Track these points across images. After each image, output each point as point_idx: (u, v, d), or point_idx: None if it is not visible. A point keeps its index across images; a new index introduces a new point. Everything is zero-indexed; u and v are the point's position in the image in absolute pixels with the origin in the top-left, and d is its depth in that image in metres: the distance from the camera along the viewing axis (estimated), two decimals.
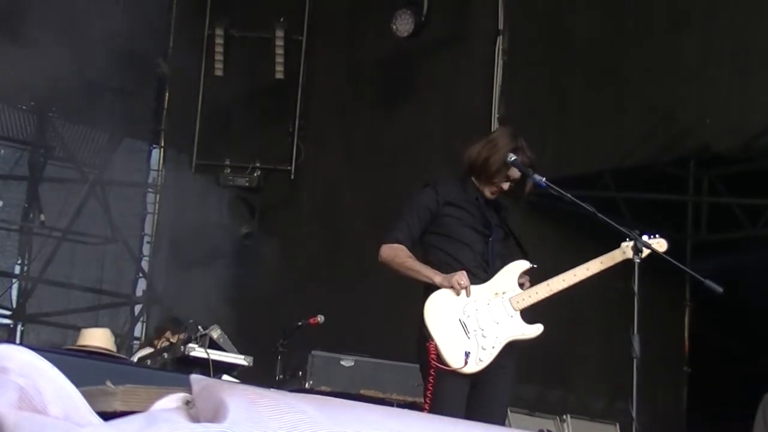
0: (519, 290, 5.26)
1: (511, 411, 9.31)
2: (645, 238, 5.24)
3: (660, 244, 5.32)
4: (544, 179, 5.42)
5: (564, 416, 10.18)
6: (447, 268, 5.24)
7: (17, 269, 11.87)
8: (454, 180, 5.49)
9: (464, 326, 5.14)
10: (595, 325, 10.42)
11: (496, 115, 10.16)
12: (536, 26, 10.22)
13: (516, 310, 5.25)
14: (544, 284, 5.27)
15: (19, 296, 11.79)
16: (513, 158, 5.45)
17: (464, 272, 5.18)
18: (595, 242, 5.49)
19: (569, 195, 5.46)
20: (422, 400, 5.19)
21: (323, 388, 7.89)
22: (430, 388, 5.05)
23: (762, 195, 10.50)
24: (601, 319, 10.27)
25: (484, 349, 5.14)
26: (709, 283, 5.25)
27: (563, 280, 5.28)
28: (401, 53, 10.80)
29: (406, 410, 4.33)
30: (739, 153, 9.64)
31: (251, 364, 6.51)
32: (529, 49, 10.19)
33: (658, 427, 10.30)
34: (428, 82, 10.73)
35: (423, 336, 5.19)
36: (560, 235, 9.78)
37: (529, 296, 5.26)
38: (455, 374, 5.09)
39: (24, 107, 11.36)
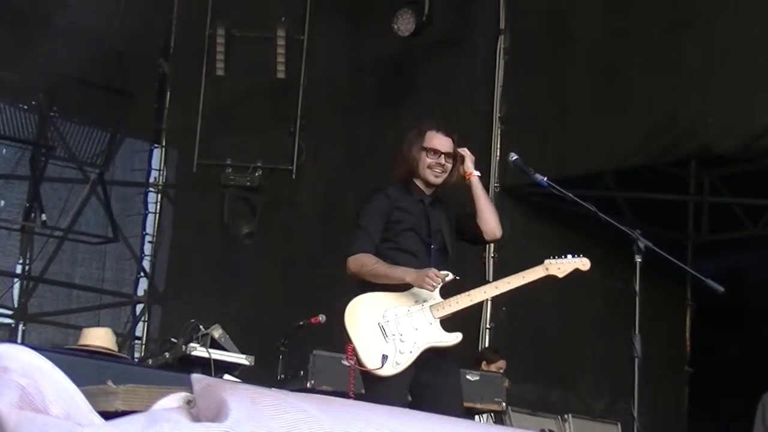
0: (440, 299, 5.32)
1: (513, 411, 9.31)
2: (569, 257, 5.30)
3: (584, 263, 5.38)
4: (545, 179, 5.43)
5: (565, 416, 10.18)
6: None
7: (18, 269, 11.86)
8: (400, 186, 5.55)
9: (383, 330, 5.24)
10: (597, 325, 10.42)
11: (498, 115, 10.16)
12: (537, 26, 10.22)
13: (435, 318, 5.31)
14: (465, 294, 5.35)
15: (20, 296, 11.78)
16: (514, 158, 5.47)
17: (433, 271, 5.23)
18: (596, 242, 5.49)
19: (570, 194, 5.47)
20: None
21: (325, 387, 7.87)
22: (351, 388, 5.24)
23: (763, 195, 10.51)
24: (602, 319, 10.27)
25: (401, 353, 5.21)
26: (710, 282, 5.25)
27: (484, 292, 5.41)
28: (402, 53, 10.80)
29: (407, 410, 4.33)
30: (740, 153, 9.65)
31: (253, 363, 6.51)
32: (531, 49, 10.19)
33: (660, 426, 10.30)
34: (429, 81, 10.73)
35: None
36: (561, 235, 9.77)
37: (449, 305, 5.32)
38: (385, 380, 5.18)
39: (25, 107, 11.35)
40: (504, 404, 8.52)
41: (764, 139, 8.63)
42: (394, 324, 5.26)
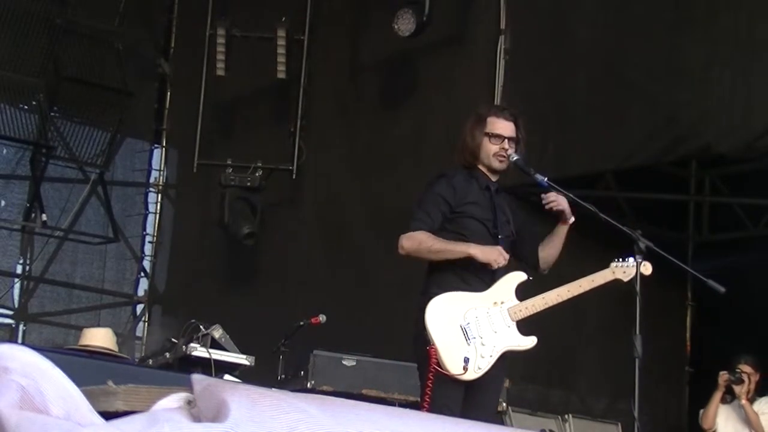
0: (517, 301, 5.27)
1: (513, 411, 9.31)
2: (631, 260, 5.24)
3: (646, 267, 5.29)
4: (546, 179, 5.43)
5: (566, 416, 10.18)
6: (455, 268, 5.24)
7: (19, 269, 11.86)
8: (465, 172, 5.45)
9: (465, 332, 5.15)
10: (597, 324, 10.42)
11: None
12: (538, 26, 10.20)
13: (513, 321, 5.25)
14: (539, 297, 5.30)
15: (21, 296, 11.78)
16: (515, 158, 5.46)
17: (501, 249, 5.18)
18: (597, 243, 5.49)
19: (571, 195, 5.47)
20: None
21: (325, 387, 7.89)
22: (429, 392, 5.06)
23: (763, 195, 10.50)
24: (602, 319, 10.26)
25: (482, 357, 5.14)
26: (711, 283, 5.25)
27: (558, 295, 5.32)
28: (403, 53, 10.80)
29: (407, 410, 4.33)
30: (741, 153, 9.64)
31: (253, 363, 6.51)
32: (531, 49, 10.17)
33: (660, 426, 10.30)
34: (430, 81, 10.72)
35: (420, 335, 5.21)
36: None
37: (526, 308, 5.27)
38: (452, 380, 5.09)
39: (25, 107, 11.35)
40: (504, 404, 8.52)
41: (764, 139, 8.61)
42: (475, 326, 5.16)
